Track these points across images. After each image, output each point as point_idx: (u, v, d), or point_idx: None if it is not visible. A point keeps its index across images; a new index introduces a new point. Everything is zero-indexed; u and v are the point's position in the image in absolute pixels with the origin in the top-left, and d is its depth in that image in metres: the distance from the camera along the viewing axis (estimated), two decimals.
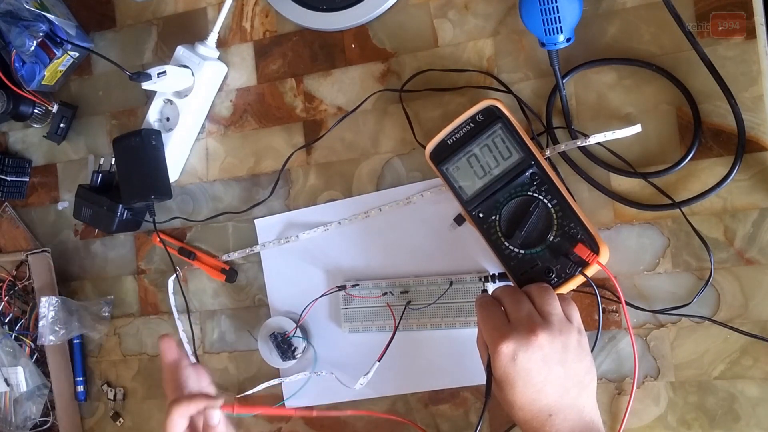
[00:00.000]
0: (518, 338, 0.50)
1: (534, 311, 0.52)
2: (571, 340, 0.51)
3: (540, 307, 0.52)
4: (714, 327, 0.58)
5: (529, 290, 0.54)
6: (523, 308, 0.52)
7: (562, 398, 0.50)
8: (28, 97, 0.76)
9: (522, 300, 0.53)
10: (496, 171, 0.59)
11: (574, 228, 0.57)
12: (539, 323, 0.50)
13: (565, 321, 0.52)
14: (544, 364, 0.50)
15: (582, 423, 0.51)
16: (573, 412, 0.50)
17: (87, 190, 0.75)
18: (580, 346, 0.52)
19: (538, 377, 0.50)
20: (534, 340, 0.49)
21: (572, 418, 0.50)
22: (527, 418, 0.51)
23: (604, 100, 0.60)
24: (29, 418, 0.78)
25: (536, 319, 0.51)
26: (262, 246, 0.71)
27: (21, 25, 0.70)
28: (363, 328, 0.66)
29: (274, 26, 0.71)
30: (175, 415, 0.56)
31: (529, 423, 0.51)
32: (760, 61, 0.56)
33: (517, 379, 0.50)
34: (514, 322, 0.51)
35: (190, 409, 0.56)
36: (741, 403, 0.57)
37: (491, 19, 0.64)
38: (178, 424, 0.56)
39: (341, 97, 0.69)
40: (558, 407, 0.50)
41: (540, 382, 0.50)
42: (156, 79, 0.67)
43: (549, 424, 0.50)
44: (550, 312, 0.52)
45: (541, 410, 0.50)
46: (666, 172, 0.58)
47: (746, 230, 0.57)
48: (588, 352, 0.53)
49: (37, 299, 0.76)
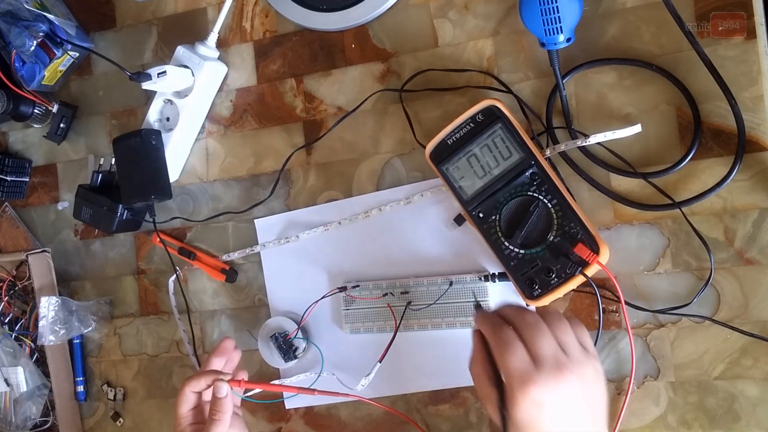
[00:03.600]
0: (545, 382, 0.46)
1: (558, 348, 0.48)
2: (590, 371, 0.48)
3: (558, 339, 0.49)
4: (714, 327, 0.58)
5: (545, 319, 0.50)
6: (546, 344, 0.48)
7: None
8: (28, 97, 0.76)
9: (544, 332, 0.49)
10: (496, 171, 0.59)
11: (574, 228, 0.57)
12: (565, 363, 0.47)
13: (584, 352, 0.49)
14: (571, 404, 0.47)
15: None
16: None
17: (87, 190, 0.75)
18: (597, 374, 0.49)
19: (564, 418, 0.47)
20: (562, 382, 0.46)
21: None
22: None
23: (604, 100, 0.60)
24: (29, 418, 0.78)
25: (562, 357, 0.47)
26: (262, 246, 0.71)
27: (21, 25, 0.70)
28: (364, 329, 0.66)
29: (274, 26, 0.71)
30: (186, 388, 0.59)
31: None
32: (760, 61, 0.56)
33: (544, 423, 0.46)
34: (540, 361, 0.47)
35: (200, 384, 0.59)
36: (741, 403, 0.57)
37: (491, 19, 0.64)
38: (187, 398, 0.60)
39: (341, 97, 0.69)
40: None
41: (569, 421, 0.47)
42: (156, 79, 0.67)
43: None
44: (569, 343, 0.49)
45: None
46: (666, 172, 0.58)
47: (746, 230, 0.57)
48: (603, 377, 0.50)
49: (37, 299, 0.76)
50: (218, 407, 0.58)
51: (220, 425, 0.58)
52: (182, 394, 0.60)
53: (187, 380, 0.60)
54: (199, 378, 0.59)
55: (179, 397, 0.60)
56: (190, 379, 0.60)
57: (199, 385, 0.59)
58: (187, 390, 0.60)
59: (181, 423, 0.60)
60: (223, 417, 0.58)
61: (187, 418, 0.60)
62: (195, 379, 0.59)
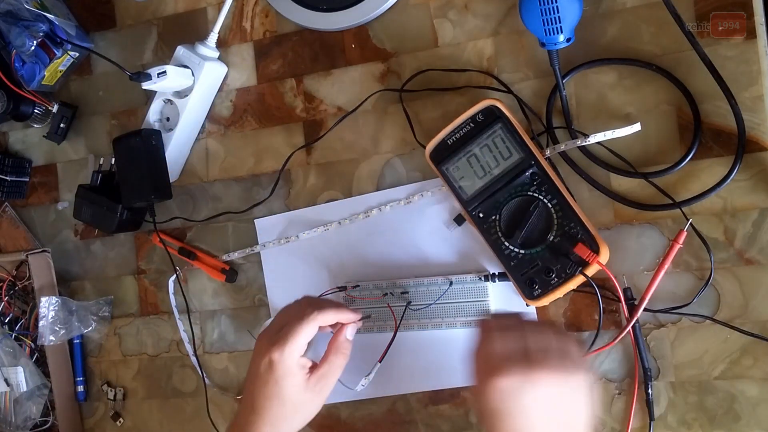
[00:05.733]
0: (514, 372, 0.47)
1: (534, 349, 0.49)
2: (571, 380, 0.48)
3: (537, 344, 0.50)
4: (714, 327, 0.58)
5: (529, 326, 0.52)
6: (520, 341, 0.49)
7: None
8: (28, 97, 0.76)
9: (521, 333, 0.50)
10: (496, 171, 0.59)
11: (574, 228, 0.57)
12: (538, 360, 0.48)
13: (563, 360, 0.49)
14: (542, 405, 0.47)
15: None
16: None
17: (87, 190, 0.75)
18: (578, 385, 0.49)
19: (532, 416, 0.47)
20: (532, 378, 0.47)
21: None
22: None
23: (604, 100, 0.60)
24: (29, 418, 0.78)
25: (534, 355, 0.48)
26: (262, 246, 0.71)
27: (21, 25, 0.70)
28: (364, 328, 0.66)
29: (274, 26, 0.71)
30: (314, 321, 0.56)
31: None
32: (760, 61, 0.56)
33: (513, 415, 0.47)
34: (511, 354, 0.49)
35: (328, 318, 0.57)
36: (741, 403, 0.57)
37: (491, 19, 0.64)
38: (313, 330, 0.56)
39: (341, 97, 0.69)
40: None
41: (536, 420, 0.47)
42: (156, 79, 0.67)
43: None
44: (547, 349, 0.49)
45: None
46: (666, 172, 0.58)
47: (746, 230, 0.57)
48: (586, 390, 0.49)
49: (37, 299, 0.76)
50: (347, 351, 0.59)
51: (341, 369, 0.58)
52: (310, 325, 0.56)
53: (321, 311, 0.57)
54: (335, 312, 0.58)
55: (305, 328, 0.56)
56: (325, 312, 0.57)
57: (331, 320, 0.58)
58: (317, 323, 0.56)
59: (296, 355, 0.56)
60: (346, 362, 0.58)
61: (304, 351, 0.57)
62: (331, 312, 0.57)
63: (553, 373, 0.48)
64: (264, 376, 0.56)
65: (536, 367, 0.47)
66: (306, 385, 0.56)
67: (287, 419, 0.57)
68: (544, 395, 0.47)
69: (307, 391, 0.57)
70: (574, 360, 0.50)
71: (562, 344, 0.50)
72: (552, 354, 0.49)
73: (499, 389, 0.47)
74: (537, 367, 0.47)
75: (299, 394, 0.56)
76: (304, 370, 0.57)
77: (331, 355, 0.59)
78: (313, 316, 0.56)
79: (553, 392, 0.48)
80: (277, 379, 0.55)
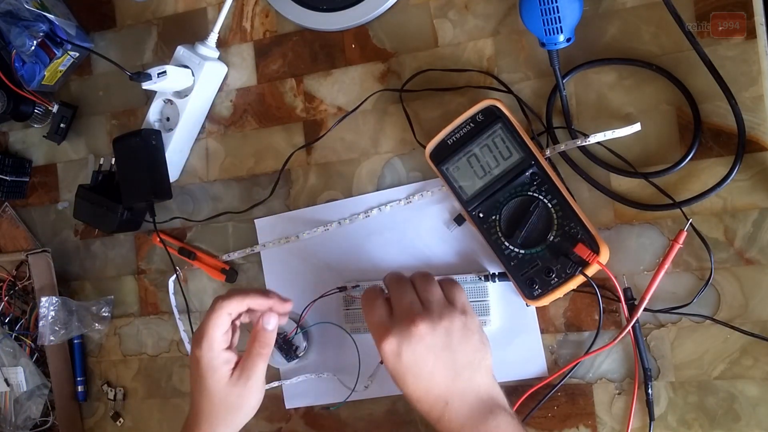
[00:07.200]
0: (399, 332, 0.49)
1: (415, 300, 0.51)
2: (454, 323, 0.50)
3: (420, 295, 0.52)
4: (714, 327, 0.58)
5: (412, 278, 0.54)
6: (404, 298, 0.51)
7: (455, 383, 0.50)
8: (28, 97, 0.76)
9: (404, 289, 0.52)
10: (496, 171, 0.59)
11: (574, 228, 0.57)
12: (418, 313, 0.50)
13: (446, 305, 0.51)
14: (429, 354, 0.49)
15: (480, 403, 0.50)
16: (469, 394, 0.50)
17: (87, 190, 0.75)
18: (465, 327, 0.51)
19: (425, 368, 0.49)
20: (414, 332, 0.49)
21: (470, 401, 0.50)
22: (426, 409, 0.50)
23: (604, 100, 0.60)
24: (29, 418, 0.78)
25: (416, 308, 0.50)
26: (262, 246, 0.71)
27: (21, 25, 0.70)
28: (364, 328, 0.66)
29: (274, 26, 0.71)
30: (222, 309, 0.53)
31: (429, 414, 0.50)
32: (760, 61, 0.56)
33: (407, 373, 0.49)
34: (396, 315, 0.51)
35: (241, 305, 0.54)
36: (741, 403, 0.57)
37: (491, 19, 0.64)
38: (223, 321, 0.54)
39: (341, 97, 0.69)
40: (452, 393, 0.50)
41: (428, 373, 0.49)
42: (156, 79, 0.67)
43: (447, 411, 0.49)
44: (429, 299, 0.51)
45: (437, 400, 0.50)
46: (666, 172, 0.58)
47: (746, 230, 0.57)
48: (476, 330, 0.52)
49: (37, 299, 0.76)
50: (265, 340, 0.54)
51: (264, 361, 0.54)
52: (217, 315, 0.53)
53: (225, 299, 0.54)
54: (241, 298, 0.54)
55: (213, 319, 0.53)
56: (229, 299, 0.54)
57: (238, 307, 0.54)
58: (224, 312, 0.53)
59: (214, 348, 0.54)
60: (268, 352, 0.55)
61: (222, 343, 0.54)
62: (236, 298, 0.53)
63: (433, 322, 0.49)
64: (193, 374, 0.56)
65: (417, 320, 0.49)
66: (229, 379, 0.55)
67: (220, 415, 0.55)
68: (427, 346, 0.49)
69: (232, 386, 0.55)
70: (456, 304, 0.52)
71: (448, 292, 0.53)
72: (435, 305, 0.51)
73: (385, 354, 0.50)
74: (418, 320, 0.49)
75: (225, 388, 0.55)
76: (228, 365, 0.55)
77: (249, 345, 0.56)
78: (217, 306, 0.55)
79: (438, 341, 0.49)
80: (202, 375, 0.55)
